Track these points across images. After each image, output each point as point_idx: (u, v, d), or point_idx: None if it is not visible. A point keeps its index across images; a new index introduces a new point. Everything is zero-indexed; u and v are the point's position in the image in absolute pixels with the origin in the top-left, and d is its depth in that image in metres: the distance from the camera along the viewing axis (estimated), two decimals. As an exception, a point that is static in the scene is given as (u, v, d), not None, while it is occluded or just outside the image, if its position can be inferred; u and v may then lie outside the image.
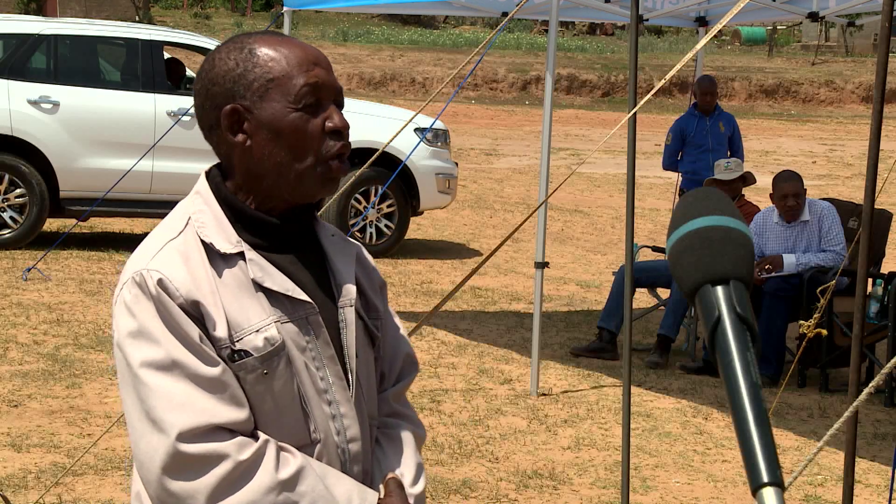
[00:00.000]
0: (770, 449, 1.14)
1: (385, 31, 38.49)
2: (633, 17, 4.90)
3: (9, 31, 10.98)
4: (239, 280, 2.03)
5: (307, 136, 2.04)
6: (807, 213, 7.95)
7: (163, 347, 1.96)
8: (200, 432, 1.95)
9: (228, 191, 2.09)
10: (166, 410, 1.95)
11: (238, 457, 1.95)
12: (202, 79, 2.12)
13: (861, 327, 4.05)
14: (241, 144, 2.06)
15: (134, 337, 1.98)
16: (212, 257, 2.03)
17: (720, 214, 1.26)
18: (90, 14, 31.84)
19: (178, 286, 1.98)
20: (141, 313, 1.98)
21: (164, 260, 2.01)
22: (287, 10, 9.35)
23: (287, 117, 2.04)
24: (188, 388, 1.96)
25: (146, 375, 1.96)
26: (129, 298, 2.00)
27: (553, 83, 7.26)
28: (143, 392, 1.97)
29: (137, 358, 1.97)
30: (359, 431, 2.12)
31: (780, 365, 7.73)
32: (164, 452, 1.94)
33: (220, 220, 2.06)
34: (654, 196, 16.70)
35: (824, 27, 40.30)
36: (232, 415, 1.97)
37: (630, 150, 4.85)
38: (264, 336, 2.01)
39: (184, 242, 2.04)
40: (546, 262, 7.27)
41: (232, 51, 2.09)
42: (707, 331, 1.21)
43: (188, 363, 1.96)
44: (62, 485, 5.35)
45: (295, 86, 2.04)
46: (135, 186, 10.67)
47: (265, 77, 2.05)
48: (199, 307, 1.98)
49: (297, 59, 2.05)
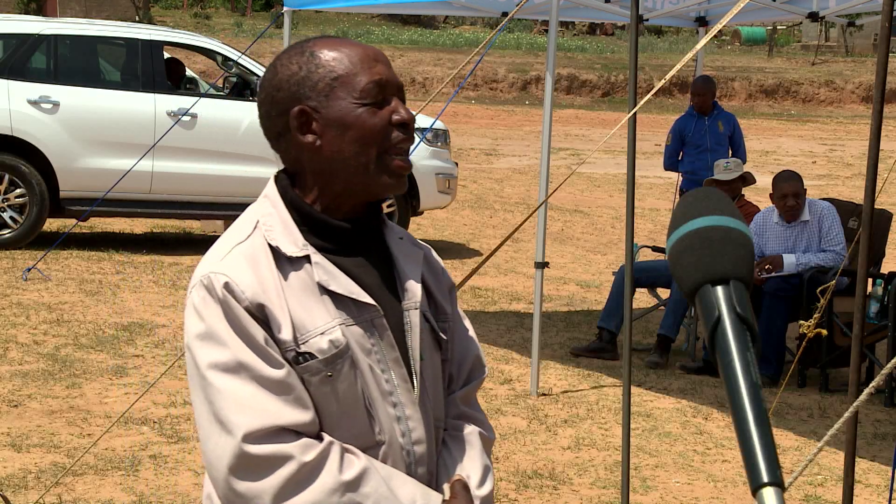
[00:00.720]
0: (770, 449, 1.14)
1: (385, 31, 38.49)
2: (633, 17, 4.90)
3: (9, 31, 10.98)
4: (304, 283, 2.06)
5: (373, 128, 2.07)
6: (807, 213, 7.95)
7: (229, 349, 2.00)
8: (266, 433, 1.98)
9: (296, 194, 2.12)
10: (233, 412, 1.99)
11: (302, 458, 1.98)
12: (265, 88, 2.14)
13: (861, 327, 4.05)
14: (311, 144, 2.09)
15: (202, 339, 2.02)
16: (278, 260, 2.06)
17: (720, 214, 1.26)
18: (90, 14, 31.84)
19: (243, 289, 2.01)
20: (209, 316, 2.02)
21: (232, 263, 2.05)
22: (287, 10, 9.36)
23: (354, 112, 2.07)
24: (254, 390, 1.99)
25: (213, 377, 2.01)
26: (197, 301, 2.05)
27: (553, 83, 7.26)
28: (211, 393, 2.01)
29: (205, 360, 2.01)
30: (424, 433, 2.14)
31: (780, 365, 7.73)
32: (231, 453, 1.98)
33: (286, 223, 2.09)
34: (654, 196, 16.70)
35: (824, 27, 40.31)
36: (297, 416, 2.00)
37: (630, 150, 4.85)
38: (329, 338, 2.04)
39: (251, 246, 2.07)
40: (546, 262, 7.27)
41: (293, 56, 2.12)
42: (707, 331, 1.21)
43: (254, 365, 1.99)
44: (62, 485, 5.35)
45: (360, 82, 2.07)
46: (135, 186, 10.67)
47: (329, 76, 2.08)
48: (264, 310, 2.02)
49: (358, 57, 2.09)
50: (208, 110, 11.12)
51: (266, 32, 12.26)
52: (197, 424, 2.06)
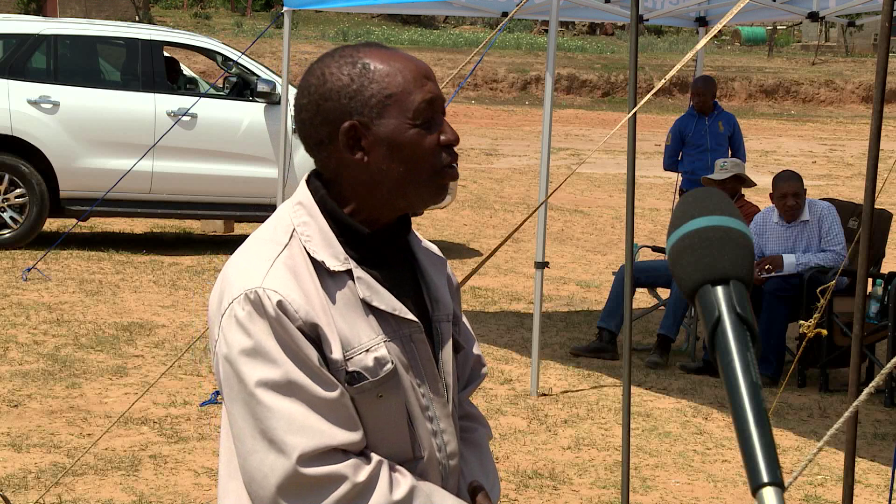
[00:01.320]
0: (770, 449, 1.14)
1: (385, 31, 38.49)
2: (633, 17, 4.89)
3: (9, 31, 10.98)
4: (348, 299, 2.03)
5: (425, 151, 2.04)
6: (807, 213, 7.95)
7: (280, 368, 1.96)
8: (319, 454, 1.97)
9: (335, 204, 2.08)
10: (286, 432, 1.95)
11: (355, 479, 1.97)
12: (310, 94, 2.07)
13: (861, 327, 4.05)
14: (359, 160, 2.04)
15: (249, 356, 1.97)
16: (320, 274, 2.03)
17: (720, 214, 1.26)
18: (90, 14, 31.84)
19: (297, 308, 1.97)
20: (256, 332, 1.97)
21: (279, 278, 1.99)
22: (287, 10, 9.36)
23: (405, 133, 2.03)
24: (306, 411, 1.96)
25: (263, 395, 1.96)
26: (242, 315, 1.98)
27: (553, 83, 7.26)
28: (260, 412, 1.97)
29: (254, 377, 1.97)
30: (457, 447, 2.16)
31: (780, 365, 7.73)
32: (283, 474, 1.96)
33: (325, 234, 2.05)
34: (654, 196, 16.70)
35: (824, 27, 40.31)
36: (347, 437, 1.99)
37: (630, 150, 4.85)
38: (374, 356, 2.02)
39: (290, 257, 2.03)
40: (546, 262, 7.27)
41: (343, 66, 2.05)
42: (707, 331, 1.21)
43: (306, 385, 1.97)
44: (62, 485, 5.35)
45: (413, 102, 2.04)
46: (135, 186, 10.67)
47: (383, 93, 2.03)
48: (317, 329, 1.99)
49: (412, 75, 2.05)
50: (208, 110, 11.12)
51: (266, 32, 12.24)
52: (237, 439, 2.02)
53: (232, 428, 2.03)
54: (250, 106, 11.23)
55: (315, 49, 31.99)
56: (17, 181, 10.73)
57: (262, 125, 11.17)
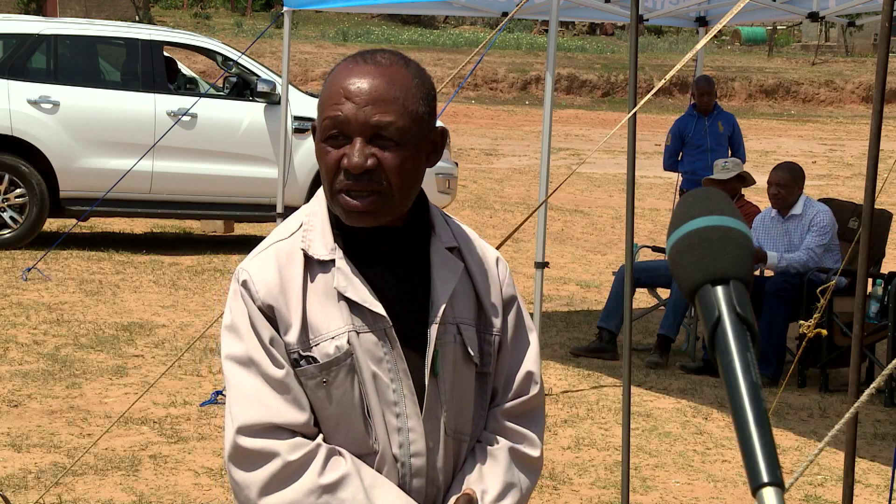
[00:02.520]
0: (770, 449, 1.14)
1: (385, 31, 38.49)
2: (633, 17, 4.90)
3: (9, 31, 10.98)
4: (327, 286, 2.11)
5: (325, 166, 2.10)
6: (799, 208, 7.95)
7: (244, 343, 2.09)
8: (259, 428, 2.07)
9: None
10: (235, 402, 2.09)
11: (287, 457, 2.06)
12: None
13: (861, 327, 4.05)
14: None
15: (228, 330, 2.12)
16: (308, 262, 2.12)
17: (720, 214, 1.26)
18: (90, 14, 31.84)
19: (258, 288, 2.09)
20: (235, 308, 2.12)
21: (260, 261, 2.13)
22: (287, 10, 9.36)
23: (319, 143, 2.11)
24: (259, 385, 2.08)
25: (228, 368, 2.11)
26: (230, 293, 2.15)
27: (553, 83, 7.26)
28: (227, 383, 2.13)
29: (225, 350, 2.12)
30: (424, 446, 2.14)
31: (780, 365, 7.73)
32: (229, 442, 2.09)
33: (324, 225, 2.15)
34: (654, 196, 16.70)
35: (824, 27, 40.31)
36: (292, 416, 2.08)
37: (630, 150, 4.85)
38: (336, 344, 2.09)
39: (290, 245, 2.14)
40: (546, 262, 7.27)
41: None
42: (707, 331, 1.21)
43: (260, 361, 2.08)
44: (62, 485, 5.35)
45: (322, 115, 2.10)
46: (135, 186, 10.67)
47: (320, 101, 2.13)
48: (273, 310, 2.09)
49: (335, 90, 2.08)
50: (208, 110, 11.12)
51: (266, 32, 12.24)
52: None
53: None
54: (250, 106, 11.24)
55: (315, 49, 32.00)
56: (17, 181, 10.73)
57: (262, 125, 11.17)
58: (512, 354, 2.25)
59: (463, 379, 2.18)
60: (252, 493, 2.07)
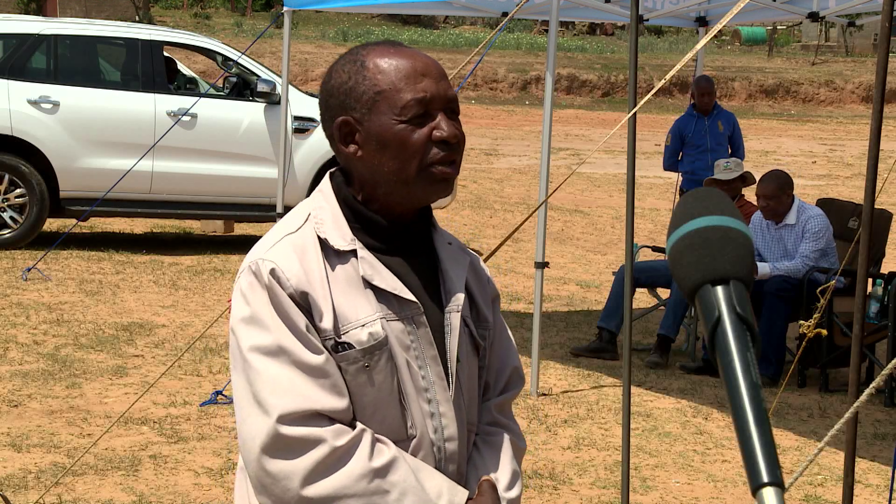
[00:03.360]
0: (770, 449, 1.14)
1: (385, 31, 38.48)
2: (633, 17, 4.89)
3: (9, 31, 10.98)
4: (349, 276, 2.12)
5: (411, 146, 2.10)
6: (793, 217, 7.93)
7: (272, 334, 2.06)
8: (300, 416, 2.04)
9: (349, 192, 2.18)
10: (270, 393, 2.04)
11: (334, 442, 2.04)
12: (321, 91, 2.21)
13: (861, 327, 4.05)
14: (353, 154, 2.15)
15: (246, 323, 2.08)
16: (326, 253, 2.13)
17: (720, 214, 1.26)
18: (90, 14, 31.84)
19: (289, 276, 2.07)
20: (255, 301, 2.08)
21: (280, 251, 2.11)
22: (287, 10, 9.36)
23: (393, 129, 2.10)
24: (292, 374, 2.05)
25: (254, 359, 2.06)
26: (244, 286, 2.10)
27: (553, 83, 7.26)
28: (251, 375, 2.06)
29: (247, 342, 2.07)
30: (456, 431, 2.18)
31: (780, 365, 7.73)
32: (266, 433, 2.03)
33: (337, 218, 2.15)
34: (654, 196, 16.70)
35: (824, 27, 40.31)
36: (332, 403, 2.06)
37: (630, 150, 4.85)
38: (369, 331, 2.10)
39: (301, 237, 2.13)
40: (546, 262, 7.27)
41: (346, 63, 2.17)
42: (707, 331, 1.21)
43: (294, 350, 2.05)
44: (62, 485, 5.35)
45: (402, 99, 2.10)
46: (135, 186, 10.67)
47: (373, 90, 2.12)
48: (307, 298, 2.08)
49: (405, 72, 2.12)
50: (208, 110, 11.12)
51: (266, 32, 12.24)
52: (235, 405, 2.11)
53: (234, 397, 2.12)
54: (250, 106, 11.23)
55: (315, 49, 32.00)
56: (17, 181, 10.73)
57: (262, 125, 11.17)
58: (499, 350, 2.34)
59: (472, 369, 2.26)
60: (294, 482, 2.03)
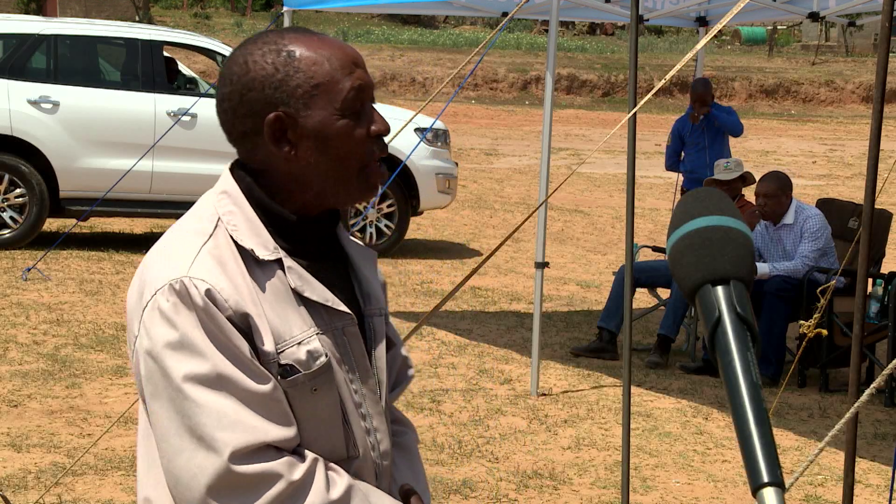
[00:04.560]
0: (770, 449, 1.14)
1: (385, 31, 38.50)
2: (633, 17, 4.89)
3: (9, 31, 10.98)
4: (277, 289, 1.94)
5: (354, 143, 1.97)
6: (791, 217, 7.93)
7: (209, 361, 1.86)
8: (252, 451, 1.86)
9: (263, 194, 1.98)
10: (216, 428, 1.85)
11: (290, 477, 1.87)
12: (233, 83, 1.98)
13: (861, 327, 4.05)
14: (286, 153, 1.96)
15: (174, 349, 1.87)
16: (248, 264, 1.93)
17: (720, 214, 1.26)
18: (90, 14, 31.84)
19: (226, 297, 1.88)
20: (182, 324, 1.87)
21: (205, 268, 1.90)
22: (287, 10, 9.35)
23: (334, 125, 1.95)
24: (237, 406, 1.86)
25: (191, 390, 1.86)
26: (166, 307, 1.88)
27: (553, 83, 7.26)
28: (188, 408, 1.86)
29: (180, 371, 1.86)
30: (389, 446, 2.07)
31: (780, 365, 7.73)
32: (214, 472, 1.85)
33: (253, 223, 1.96)
34: (654, 196, 16.70)
35: (824, 27, 40.31)
36: (281, 433, 1.89)
37: (630, 150, 4.86)
38: (307, 349, 1.93)
39: (216, 247, 1.93)
40: (546, 262, 7.27)
41: (267, 53, 1.96)
42: (707, 331, 1.21)
43: (237, 379, 1.86)
44: (62, 485, 5.35)
45: (341, 91, 1.95)
46: (135, 186, 10.67)
47: (309, 83, 1.95)
48: (247, 319, 1.89)
49: (339, 62, 1.96)
50: (208, 110, 11.10)
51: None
52: (160, 438, 1.90)
53: (154, 428, 1.92)
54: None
55: (315, 49, 31.97)
56: (17, 181, 10.73)
57: (262, 125, 11.17)
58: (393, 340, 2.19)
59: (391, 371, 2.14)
60: None
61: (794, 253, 7.87)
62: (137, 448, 2.03)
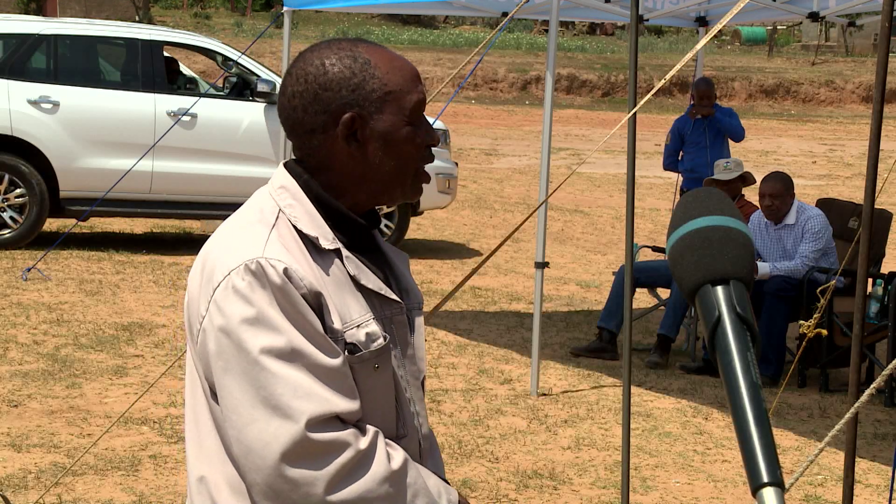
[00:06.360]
0: (770, 449, 1.14)
1: (385, 31, 38.49)
2: (633, 17, 4.89)
3: (9, 31, 10.98)
4: (337, 276, 2.09)
5: (415, 148, 2.13)
6: (792, 217, 7.93)
7: (284, 335, 1.99)
8: (325, 420, 1.99)
9: (321, 190, 2.13)
10: (292, 397, 1.98)
11: (358, 445, 2.01)
12: (307, 81, 2.12)
13: (861, 327, 4.05)
14: (353, 151, 2.11)
15: (251, 324, 1.99)
16: (310, 251, 2.08)
17: (720, 214, 1.26)
18: (90, 14, 31.83)
19: (301, 276, 2.02)
20: (258, 301, 1.99)
21: (278, 249, 2.04)
22: (287, 10, 9.36)
23: (400, 130, 2.12)
24: (310, 378, 1.99)
25: (268, 362, 1.98)
26: (242, 285, 2.00)
27: (553, 83, 7.26)
28: (263, 378, 1.98)
29: (257, 344, 1.99)
30: (429, 430, 2.23)
31: (780, 365, 7.73)
32: (290, 439, 1.97)
33: (313, 216, 2.11)
34: (654, 196, 16.70)
35: (824, 27, 40.31)
36: (349, 405, 2.02)
37: (630, 150, 4.86)
38: (365, 331, 2.08)
39: (281, 235, 2.07)
40: (546, 262, 7.27)
41: (344, 58, 2.12)
42: (707, 331, 1.21)
43: (310, 353, 2.00)
44: (62, 485, 5.35)
45: (410, 101, 2.13)
46: (135, 186, 10.67)
47: (383, 89, 2.11)
48: (319, 298, 2.04)
49: (409, 75, 2.15)
50: (208, 110, 11.12)
51: (266, 32, 12.24)
52: (231, 410, 2.01)
53: (225, 402, 2.02)
54: (250, 106, 11.23)
55: (315, 49, 31.95)
56: (17, 181, 10.73)
57: (262, 125, 11.18)
58: None
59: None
60: (317, 488, 1.98)
61: (795, 253, 7.88)
62: (186, 432, 2.16)
